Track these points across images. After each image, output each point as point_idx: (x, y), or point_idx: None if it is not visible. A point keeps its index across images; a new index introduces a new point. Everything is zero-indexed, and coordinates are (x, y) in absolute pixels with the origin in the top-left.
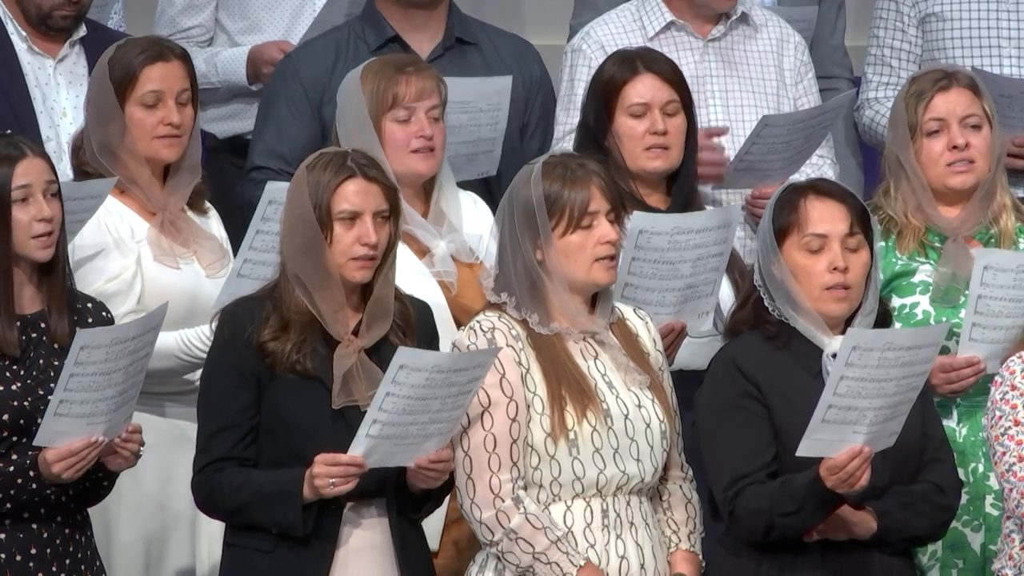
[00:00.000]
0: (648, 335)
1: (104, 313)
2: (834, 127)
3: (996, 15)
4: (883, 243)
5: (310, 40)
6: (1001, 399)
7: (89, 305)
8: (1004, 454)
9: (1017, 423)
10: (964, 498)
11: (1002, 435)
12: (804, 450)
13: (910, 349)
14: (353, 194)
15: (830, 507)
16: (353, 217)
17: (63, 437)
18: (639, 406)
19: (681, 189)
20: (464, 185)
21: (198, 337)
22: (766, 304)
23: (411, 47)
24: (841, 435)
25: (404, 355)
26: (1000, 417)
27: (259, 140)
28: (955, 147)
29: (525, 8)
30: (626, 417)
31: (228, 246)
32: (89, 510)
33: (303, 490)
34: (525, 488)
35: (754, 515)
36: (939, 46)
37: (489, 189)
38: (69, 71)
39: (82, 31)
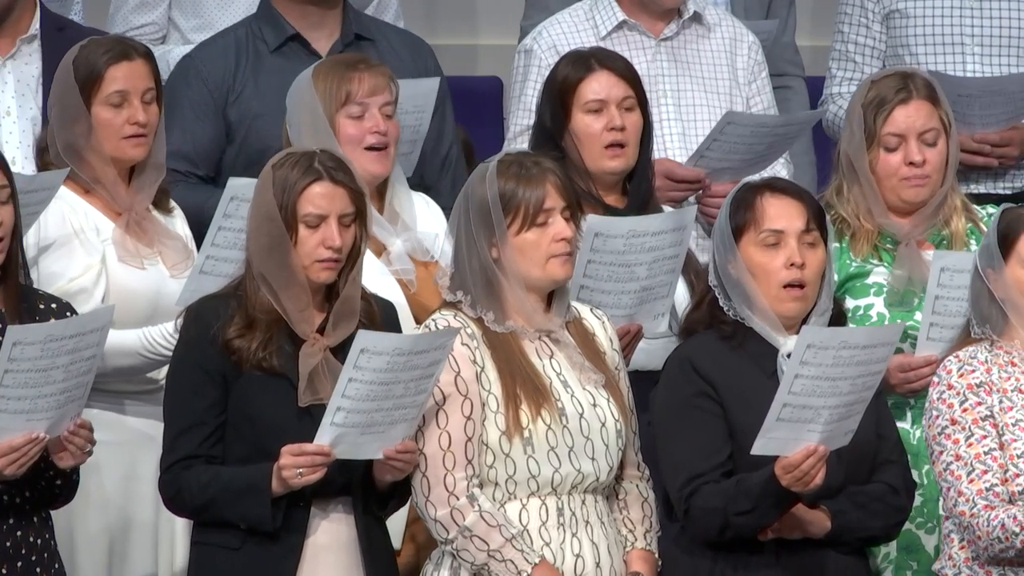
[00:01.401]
0: (604, 334)
1: (68, 313)
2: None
3: (960, 13)
4: (837, 245)
5: (208, 41)
6: (938, 399)
7: (53, 306)
8: (941, 453)
9: (953, 422)
10: (918, 500)
11: (939, 434)
12: (759, 449)
13: (865, 348)
14: (319, 197)
15: (785, 506)
16: (318, 220)
17: (3, 433)
18: (594, 405)
19: (638, 188)
20: None
21: (161, 335)
22: (721, 304)
23: (311, 45)
24: (796, 434)
25: (364, 339)
26: (937, 416)
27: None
28: (911, 163)
29: (478, 8)
30: (581, 416)
31: (193, 245)
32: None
33: (271, 484)
34: (480, 486)
35: (709, 514)
36: (903, 43)
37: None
38: (20, 69)
39: (33, 29)
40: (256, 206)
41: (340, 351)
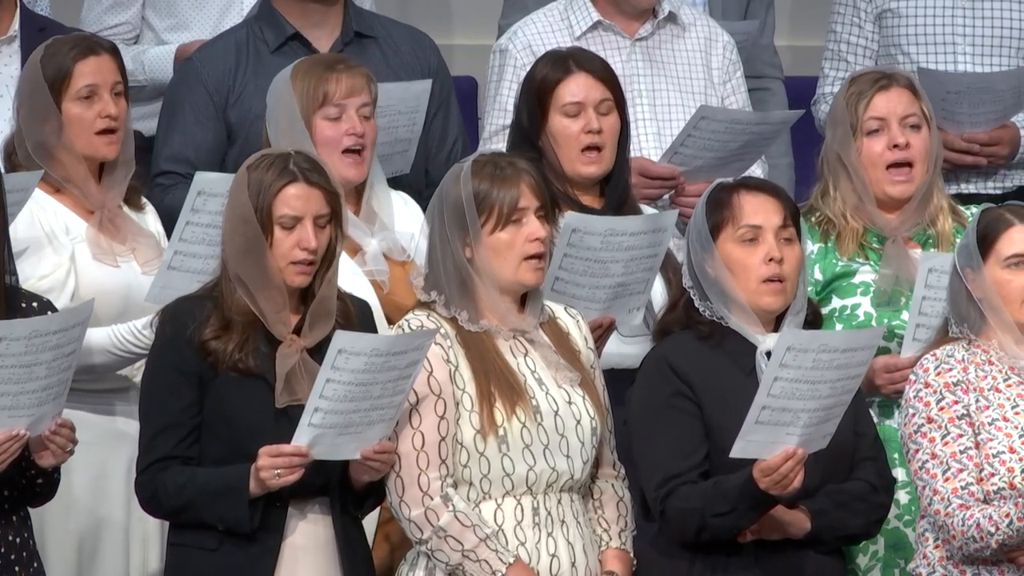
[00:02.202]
0: (579, 333)
1: (50, 312)
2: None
3: (952, 12)
4: (823, 244)
5: (209, 43)
6: (915, 396)
7: (34, 304)
8: (917, 451)
9: (930, 420)
10: (906, 497)
11: (915, 432)
12: (738, 451)
13: (845, 351)
14: (294, 198)
15: (763, 508)
16: (294, 222)
17: None
18: (569, 403)
19: (615, 189)
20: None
21: (130, 332)
22: (697, 305)
23: (312, 44)
24: (775, 436)
25: (342, 339)
26: (913, 415)
27: (164, 145)
28: (895, 146)
29: (454, 8)
30: (556, 414)
31: (165, 242)
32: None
33: (249, 485)
34: (455, 486)
35: (686, 515)
36: (895, 42)
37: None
38: None
39: (13, 29)
40: (231, 208)
41: (317, 352)
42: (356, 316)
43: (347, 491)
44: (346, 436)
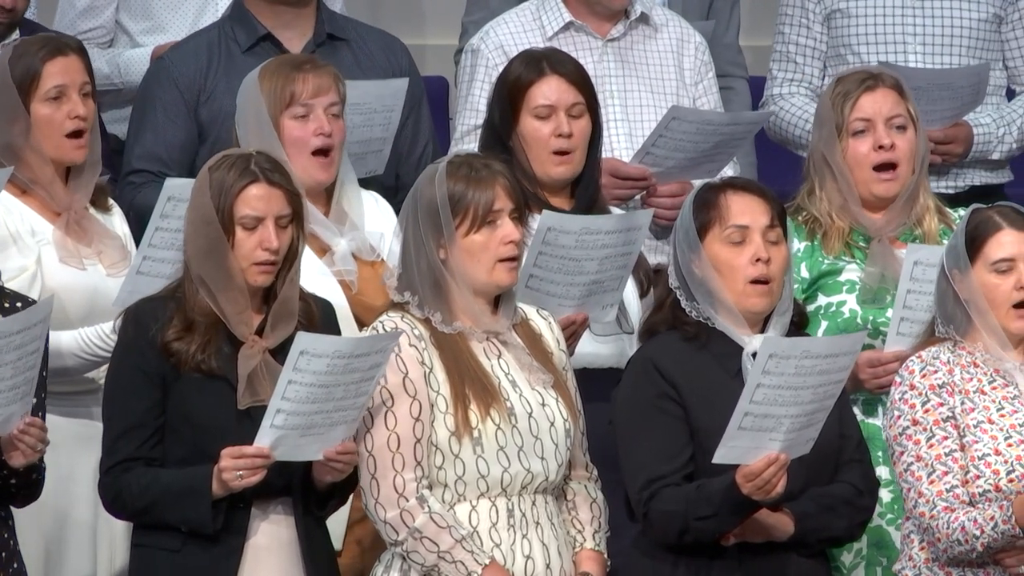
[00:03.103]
0: (551, 335)
1: None
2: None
3: (902, 11)
4: (809, 243)
5: (181, 42)
6: (900, 399)
7: (18, 304)
8: (902, 454)
9: (915, 422)
10: (889, 496)
11: (900, 435)
12: (720, 457)
13: (827, 357)
14: (255, 199)
15: (745, 513)
16: (255, 222)
17: None
18: (543, 404)
19: (586, 192)
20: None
21: (97, 335)
22: (684, 306)
23: (283, 45)
24: (757, 442)
25: (304, 340)
26: (898, 417)
27: (136, 144)
28: (881, 147)
29: (425, 8)
30: (530, 415)
31: (132, 244)
32: None
33: (211, 486)
34: (430, 487)
35: (668, 517)
36: (844, 42)
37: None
38: None
39: (15, 35)
40: (193, 209)
41: (279, 352)
42: (319, 316)
43: (310, 492)
44: (309, 437)
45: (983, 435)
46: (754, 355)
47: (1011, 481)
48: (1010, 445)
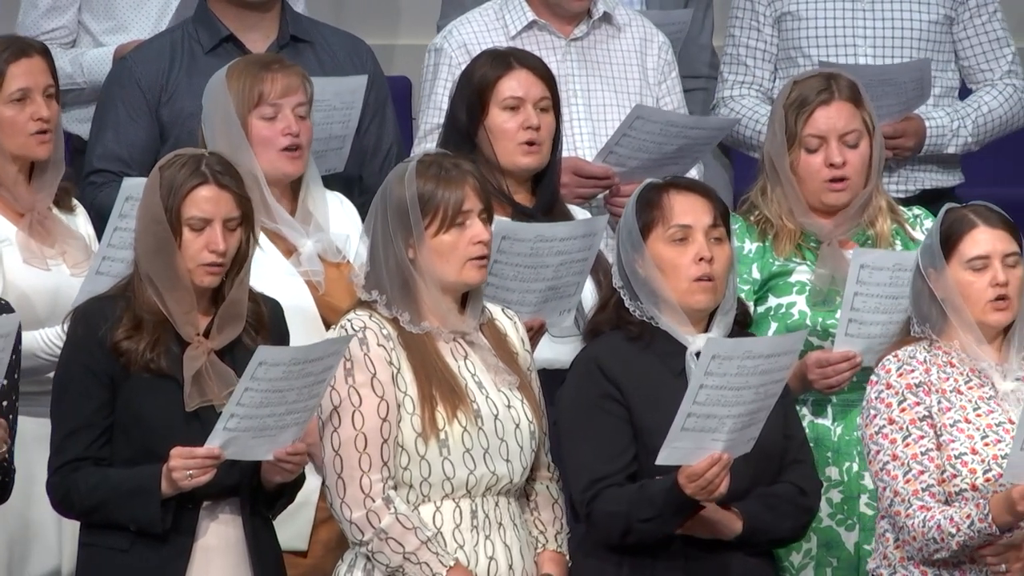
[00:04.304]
0: (516, 335)
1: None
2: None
3: (852, 13)
4: (760, 244)
5: (144, 43)
6: (876, 397)
7: None
8: (878, 452)
9: (891, 421)
10: (838, 497)
11: (876, 433)
12: (664, 459)
13: (769, 357)
14: (204, 201)
15: (687, 513)
16: (203, 223)
17: None
18: (509, 407)
19: (547, 189)
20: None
21: (57, 335)
22: (627, 305)
23: (246, 46)
24: (700, 443)
25: (264, 353)
26: (875, 416)
27: (97, 143)
28: (832, 164)
29: (402, 7)
30: (496, 417)
31: (95, 243)
32: None
33: (161, 485)
34: (395, 488)
35: (611, 518)
36: (795, 44)
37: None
38: None
39: None
40: (144, 207)
41: (227, 353)
42: (268, 317)
43: (258, 492)
44: (260, 439)
45: (959, 434)
46: (697, 355)
47: (988, 480)
48: (987, 444)
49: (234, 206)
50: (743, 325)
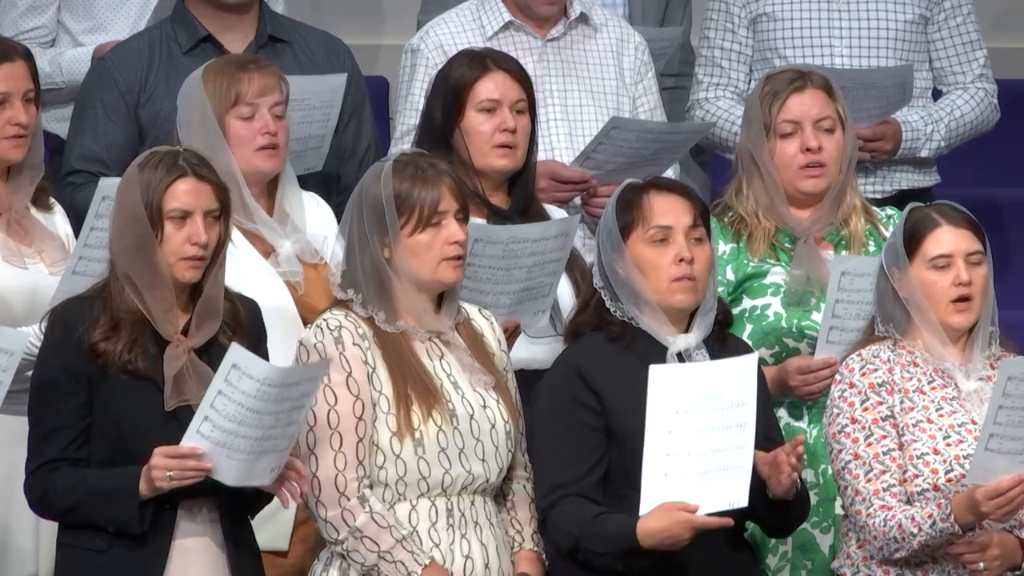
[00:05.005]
0: (493, 335)
1: None
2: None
3: (828, 14)
4: (735, 245)
5: (122, 43)
6: (839, 396)
7: None
8: (840, 452)
9: (854, 421)
10: (814, 499)
11: (839, 432)
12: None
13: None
14: (184, 193)
15: (637, 558)
16: (184, 216)
17: None
18: (484, 406)
19: (522, 190)
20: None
21: (35, 335)
22: (608, 306)
23: (224, 47)
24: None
25: (236, 354)
26: (837, 414)
27: (76, 143)
28: (808, 149)
29: (381, 8)
30: (471, 417)
31: (73, 242)
32: None
33: (139, 486)
34: (371, 487)
35: (562, 535)
36: (771, 46)
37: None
38: None
39: None
40: (121, 206)
41: (205, 352)
42: (244, 316)
43: (236, 492)
44: (235, 461)
45: (922, 434)
46: (679, 355)
47: (949, 480)
48: (948, 445)
49: (214, 198)
50: (724, 325)
